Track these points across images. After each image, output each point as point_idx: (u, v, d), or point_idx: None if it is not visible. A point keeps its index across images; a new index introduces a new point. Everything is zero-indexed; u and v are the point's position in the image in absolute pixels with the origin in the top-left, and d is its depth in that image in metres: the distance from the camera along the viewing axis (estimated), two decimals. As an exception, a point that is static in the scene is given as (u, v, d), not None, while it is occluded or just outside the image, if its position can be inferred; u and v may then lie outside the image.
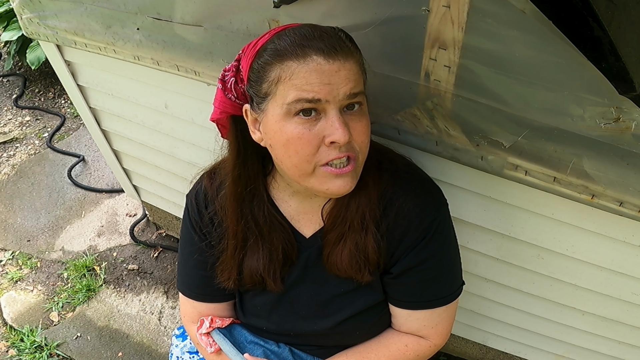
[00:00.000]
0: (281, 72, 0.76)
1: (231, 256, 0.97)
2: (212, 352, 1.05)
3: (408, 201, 0.90)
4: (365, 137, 0.81)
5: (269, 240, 0.95)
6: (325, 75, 0.75)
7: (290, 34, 0.78)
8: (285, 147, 0.79)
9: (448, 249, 0.96)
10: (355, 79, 0.77)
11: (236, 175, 0.91)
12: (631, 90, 0.65)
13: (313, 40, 0.76)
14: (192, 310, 1.09)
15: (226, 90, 0.85)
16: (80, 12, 1.32)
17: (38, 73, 3.58)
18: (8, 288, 2.18)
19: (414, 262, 0.92)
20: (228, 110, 0.86)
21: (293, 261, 0.97)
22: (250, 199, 0.93)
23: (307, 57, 0.75)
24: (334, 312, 0.99)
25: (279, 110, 0.77)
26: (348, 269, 0.92)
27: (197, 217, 1.01)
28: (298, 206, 0.96)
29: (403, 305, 0.98)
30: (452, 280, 0.98)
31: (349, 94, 0.76)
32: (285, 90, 0.76)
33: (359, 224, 0.90)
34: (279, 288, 0.98)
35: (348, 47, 0.78)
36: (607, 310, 1.15)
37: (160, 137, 1.61)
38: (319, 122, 0.77)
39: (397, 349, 1.00)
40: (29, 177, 2.76)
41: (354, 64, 0.78)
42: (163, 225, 2.37)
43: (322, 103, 0.76)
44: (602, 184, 0.87)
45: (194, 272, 1.05)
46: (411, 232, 0.90)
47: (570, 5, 0.54)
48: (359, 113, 0.80)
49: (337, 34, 0.79)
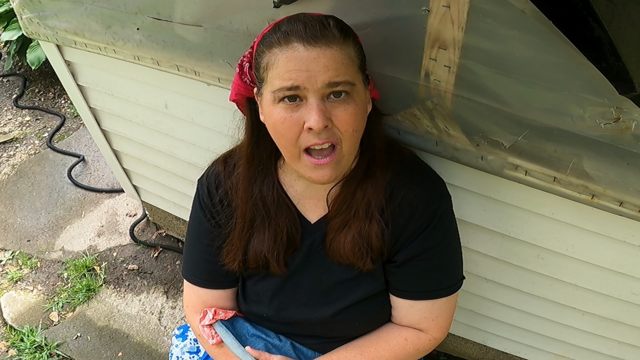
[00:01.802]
0: (269, 59, 0.81)
1: (238, 236, 0.99)
2: (214, 344, 1.06)
3: (413, 190, 0.92)
4: (350, 126, 0.82)
5: (275, 222, 0.97)
6: (303, 61, 0.77)
7: (283, 25, 0.81)
8: (274, 129, 0.84)
9: (450, 240, 0.97)
10: (336, 68, 0.78)
11: (249, 154, 0.95)
12: (631, 90, 0.65)
13: (297, 29, 0.79)
14: (195, 299, 1.10)
15: (242, 74, 0.90)
16: (80, 12, 1.33)
17: (38, 73, 3.58)
18: (8, 288, 2.18)
19: (417, 251, 0.93)
20: (242, 92, 0.91)
21: (297, 245, 0.99)
22: (261, 179, 0.97)
23: (288, 44, 0.78)
24: (334, 299, 0.99)
25: (269, 96, 0.82)
26: (350, 255, 0.94)
27: (207, 199, 1.03)
28: (304, 190, 0.98)
29: (405, 295, 0.98)
30: (453, 272, 0.99)
31: (329, 82, 0.78)
32: (272, 78, 0.80)
33: (364, 212, 0.92)
34: (282, 271, 0.99)
35: (333, 34, 0.79)
36: (607, 310, 1.15)
37: (160, 137, 1.61)
38: (301, 108, 0.80)
39: (397, 343, 1.01)
40: (29, 177, 2.76)
41: (338, 51, 0.79)
42: (163, 225, 2.38)
43: (302, 90, 0.78)
44: (602, 184, 0.87)
45: (199, 257, 1.06)
46: (415, 220, 0.92)
47: (570, 5, 0.54)
48: (345, 101, 0.80)
49: (326, 21, 0.80)
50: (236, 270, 1.02)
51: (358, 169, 0.92)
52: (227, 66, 1.16)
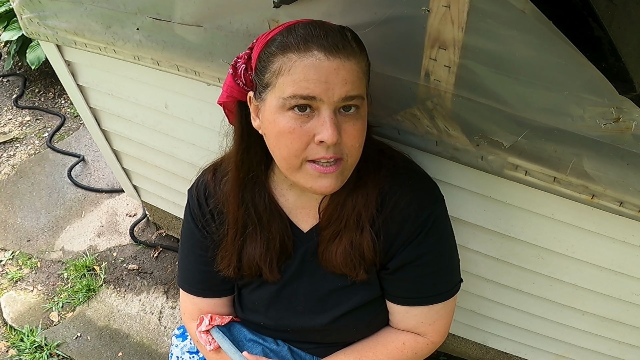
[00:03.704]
0: (282, 64, 0.77)
1: (231, 242, 0.98)
2: (212, 350, 1.06)
3: (404, 196, 0.91)
4: (357, 141, 0.81)
5: (267, 229, 0.96)
6: (323, 72, 0.75)
7: (299, 29, 0.79)
8: (277, 138, 0.81)
9: (445, 245, 0.96)
10: (353, 81, 0.77)
11: (239, 161, 0.92)
12: (631, 90, 0.65)
13: (317, 36, 0.76)
14: (192, 306, 1.09)
15: (236, 76, 0.87)
16: (80, 12, 1.33)
17: (38, 73, 3.58)
18: (8, 288, 2.18)
19: (410, 258, 0.92)
20: (235, 95, 0.88)
21: (290, 254, 0.98)
22: (252, 186, 0.94)
23: (308, 52, 0.75)
24: (331, 307, 0.99)
25: (275, 102, 0.79)
26: (343, 266, 0.93)
27: (197, 211, 1.01)
28: (296, 200, 0.97)
29: (400, 302, 0.98)
30: (449, 277, 0.98)
31: (345, 97, 0.76)
32: (284, 84, 0.77)
33: (354, 223, 0.91)
34: (275, 277, 0.98)
35: (352, 47, 0.78)
36: (607, 310, 1.15)
37: (160, 137, 1.61)
38: (312, 119, 0.78)
39: (394, 347, 1.00)
40: (29, 177, 2.76)
41: (356, 65, 0.78)
42: (163, 225, 2.37)
43: (316, 101, 0.76)
44: (602, 184, 0.87)
45: (194, 267, 1.06)
46: (407, 227, 0.91)
47: (570, 5, 0.54)
48: (354, 116, 0.80)
49: (344, 32, 0.79)
50: (232, 276, 1.01)
51: (349, 180, 0.89)
52: (227, 66, 1.15)
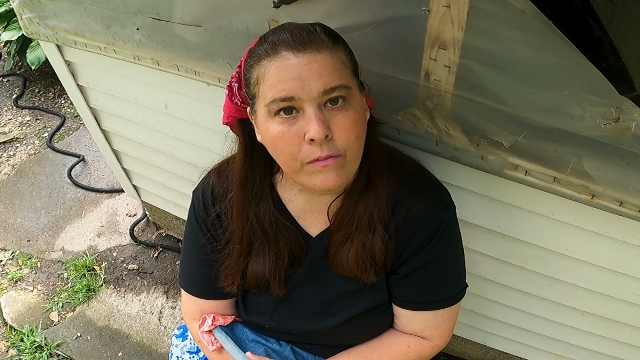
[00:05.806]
0: (258, 73, 0.78)
1: (236, 261, 0.97)
2: (214, 350, 1.05)
3: (417, 202, 0.90)
4: (351, 132, 0.78)
5: (275, 244, 0.95)
6: (295, 69, 0.74)
7: (269, 36, 0.79)
8: (273, 146, 0.81)
9: (454, 251, 0.97)
10: (330, 73, 0.75)
11: (243, 177, 0.92)
12: (631, 90, 0.65)
13: (283, 37, 0.76)
14: (194, 307, 1.09)
15: (232, 96, 0.87)
16: (80, 12, 1.33)
17: (38, 73, 3.58)
18: (8, 288, 2.18)
19: (421, 263, 0.92)
20: (234, 115, 0.89)
21: (300, 262, 0.97)
22: (256, 203, 0.94)
23: (276, 54, 0.76)
24: (337, 311, 0.99)
25: (263, 111, 0.79)
26: (354, 269, 0.92)
27: (203, 214, 1.01)
28: (305, 205, 0.96)
29: (407, 306, 0.98)
30: (456, 283, 0.98)
31: (325, 90, 0.75)
32: (264, 91, 0.77)
33: (366, 225, 0.90)
34: (282, 292, 0.97)
35: (321, 39, 0.77)
36: (607, 310, 1.15)
37: (160, 137, 1.61)
38: (299, 120, 0.77)
39: (399, 350, 1.01)
40: (29, 177, 2.76)
41: (329, 56, 0.76)
42: (163, 225, 2.37)
43: (297, 101, 0.75)
44: (602, 184, 0.87)
45: (197, 270, 1.05)
46: (419, 233, 0.91)
47: (570, 5, 0.54)
48: (343, 107, 0.77)
49: (312, 27, 0.78)
50: (235, 292, 1.01)
51: (359, 181, 0.89)
52: (227, 66, 1.16)
